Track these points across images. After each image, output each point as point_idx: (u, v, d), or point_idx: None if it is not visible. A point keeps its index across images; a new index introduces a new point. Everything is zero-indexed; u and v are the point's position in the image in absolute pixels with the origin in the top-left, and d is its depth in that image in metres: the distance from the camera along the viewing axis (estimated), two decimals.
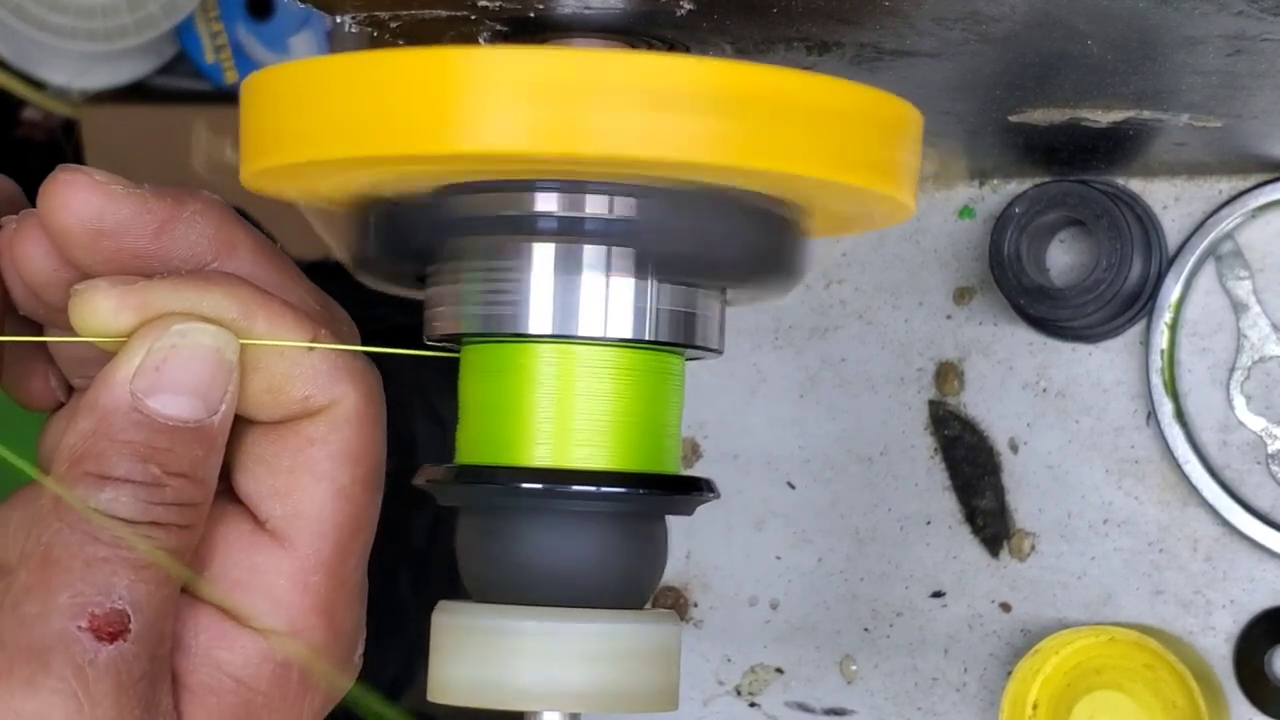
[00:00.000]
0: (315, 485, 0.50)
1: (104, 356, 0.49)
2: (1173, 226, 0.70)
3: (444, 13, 0.50)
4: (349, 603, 0.51)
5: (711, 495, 0.50)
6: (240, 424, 0.50)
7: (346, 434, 0.50)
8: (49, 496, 0.48)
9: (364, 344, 0.52)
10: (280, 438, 0.50)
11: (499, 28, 0.51)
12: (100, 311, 0.48)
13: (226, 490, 0.50)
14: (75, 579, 0.46)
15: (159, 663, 0.47)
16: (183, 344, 0.48)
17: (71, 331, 0.49)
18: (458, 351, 0.50)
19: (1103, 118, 0.61)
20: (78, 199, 0.49)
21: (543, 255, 0.47)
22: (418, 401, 1.02)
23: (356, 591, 0.51)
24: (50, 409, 0.54)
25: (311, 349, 0.49)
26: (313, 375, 0.49)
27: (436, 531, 0.94)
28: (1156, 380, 0.70)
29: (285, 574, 0.50)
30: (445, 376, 0.51)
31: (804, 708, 0.75)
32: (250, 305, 0.49)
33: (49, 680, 0.46)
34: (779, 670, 0.75)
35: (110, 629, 0.46)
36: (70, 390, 0.54)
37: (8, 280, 0.51)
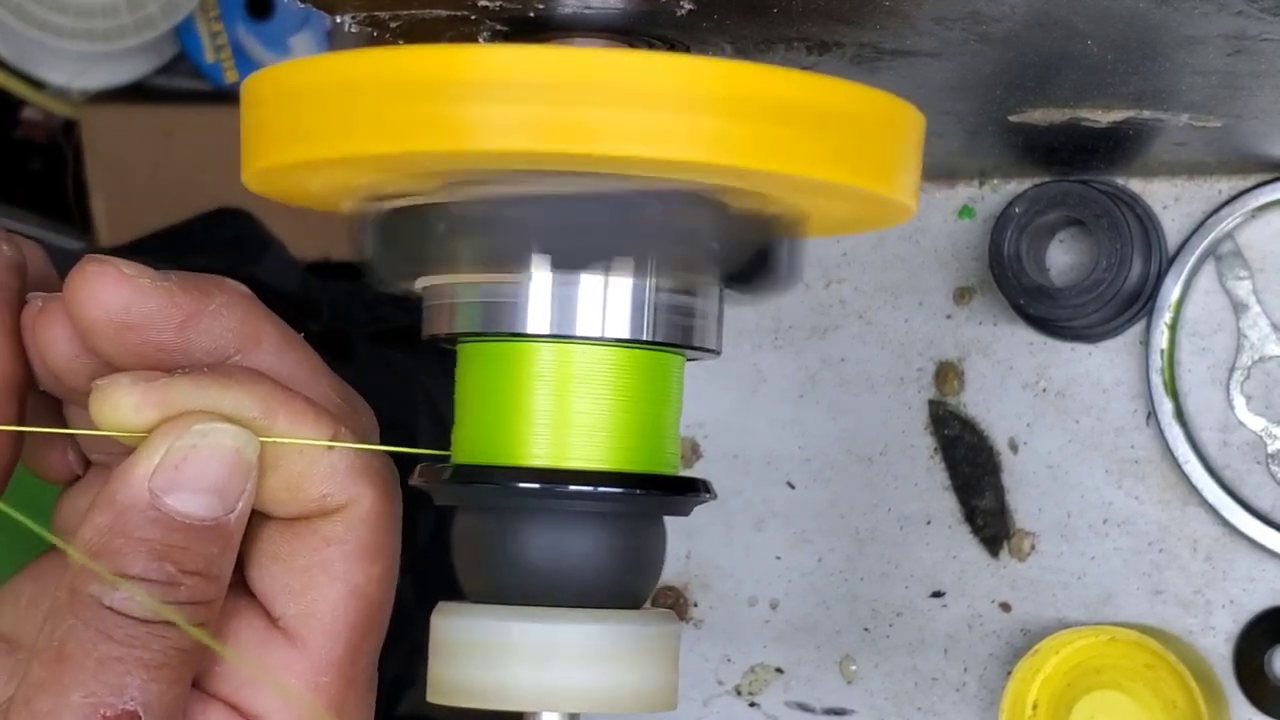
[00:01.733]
0: (330, 585, 0.49)
1: (129, 445, 0.49)
2: (1173, 226, 0.70)
3: (444, 13, 0.50)
4: (359, 701, 0.51)
5: (709, 496, 0.50)
6: (256, 519, 0.50)
7: (362, 534, 0.50)
8: (64, 588, 0.47)
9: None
10: (296, 535, 0.50)
11: (499, 27, 0.51)
12: (122, 408, 0.48)
13: (240, 584, 0.50)
14: (88, 677, 0.46)
15: None
16: (203, 444, 0.48)
17: (91, 418, 0.49)
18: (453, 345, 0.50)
19: (1103, 118, 0.60)
20: (105, 292, 0.48)
21: (541, 254, 0.47)
22: (422, 403, 1.02)
23: (366, 689, 0.51)
24: (67, 482, 0.54)
25: (331, 448, 0.49)
26: (330, 474, 0.49)
27: (439, 531, 0.94)
28: (1156, 380, 0.70)
29: (296, 673, 0.49)
30: (449, 379, 0.51)
31: (804, 708, 0.75)
32: (272, 403, 0.49)
33: None
34: (779, 670, 0.75)
35: None
36: (87, 464, 0.54)
37: (30, 358, 0.51)
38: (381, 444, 0.51)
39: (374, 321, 1.14)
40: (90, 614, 0.47)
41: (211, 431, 0.48)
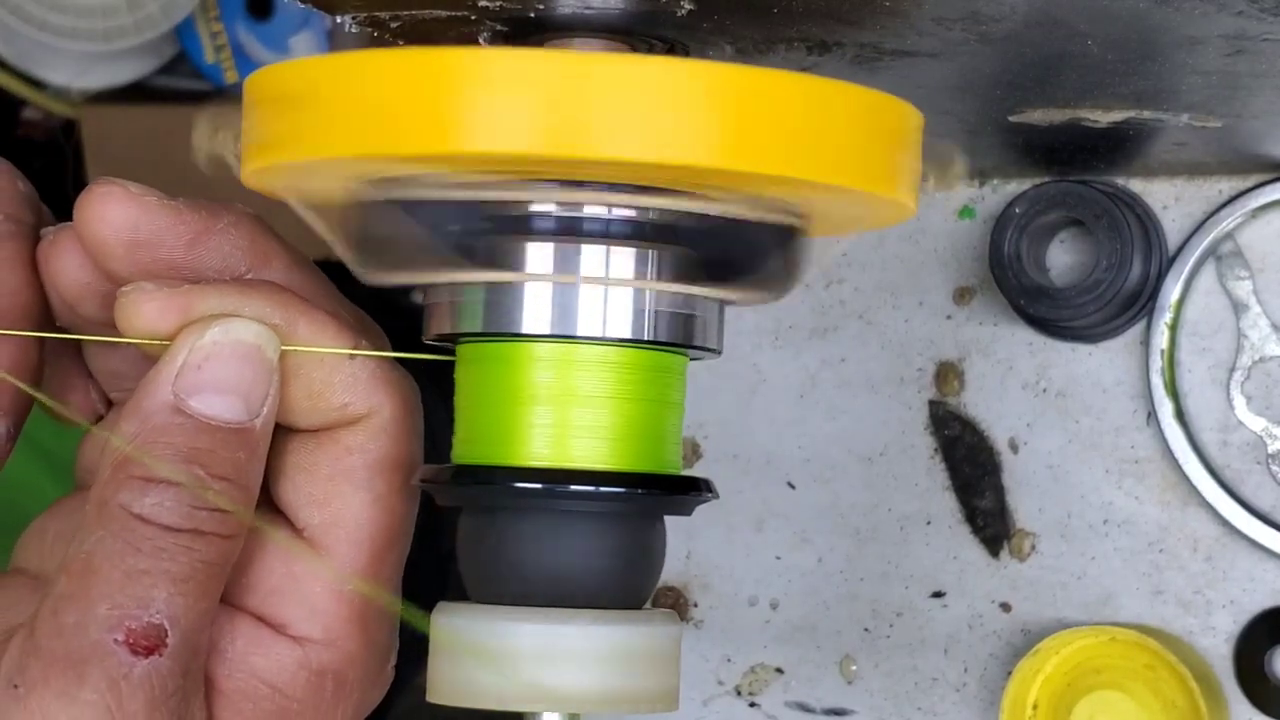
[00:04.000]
0: (353, 494, 0.50)
1: (145, 365, 0.49)
2: (1173, 226, 0.70)
3: (444, 13, 0.50)
4: (383, 612, 0.51)
5: (710, 495, 0.50)
6: (279, 432, 0.50)
7: (384, 443, 0.50)
8: (93, 501, 0.48)
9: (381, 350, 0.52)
10: (319, 446, 0.50)
11: (499, 28, 0.51)
12: (145, 313, 0.48)
13: (265, 497, 0.50)
14: (115, 590, 0.47)
15: (193, 676, 0.48)
16: (224, 340, 0.48)
17: (114, 333, 0.49)
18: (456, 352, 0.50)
19: (1103, 118, 0.60)
20: (113, 210, 0.49)
21: (542, 255, 0.47)
22: (438, 398, 1.02)
23: (390, 599, 0.51)
24: (90, 422, 0.54)
25: (352, 357, 0.49)
26: (352, 383, 0.50)
27: (426, 534, 0.94)
28: (1156, 380, 0.70)
29: (322, 582, 0.50)
30: (435, 385, 0.51)
31: (804, 708, 0.75)
32: (292, 311, 0.49)
33: (83, 693, 0.46)
34: (779, 670, 0.75)
35: (147, 643, 0.46)
36: (109, 404, 0.54)
37: (46, 291, 0.51)
38: (408, 356, 0.51)
39: None
40: (118, 525, 0.47)
41: (232, 328, 0.48)
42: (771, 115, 0.44)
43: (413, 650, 0.51)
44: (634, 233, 0.47)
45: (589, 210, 0.47)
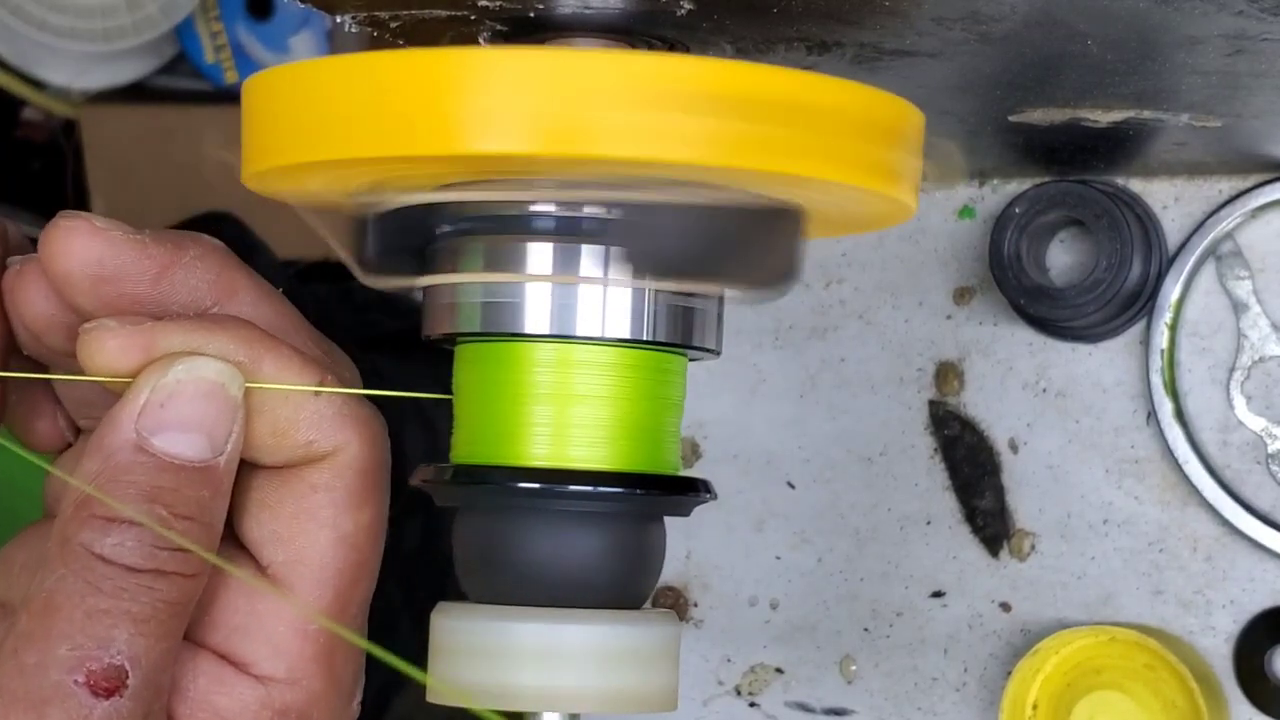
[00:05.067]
0: (318, 531, 0.50)
1: (111, 397, 0.49)
2: (1173, 226, 0.70)
3: (444, 13, 0.50)
4: (348, 651, 0.51)
5: (709, 496, 0.50)
6: (245, 469, 0.50)
7: (349, 480, 0.50)
8: (55, 539, 0.47)
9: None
10: (284, 483, 0.50)
11: (499, 27, 0.51)
12: (107, 351, 0.48)
13: (230, 535, 0.50)
14: (75, 630, 0.46)
15: (155, 716, 0.47)
16: (187, 379, 0.48)
17: (76, 374, 0.49)
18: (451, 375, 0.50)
19: (1103, 118, 0.60)
20: (78, 244, 0.49)
21: (541, 255, 0.47)
22: (410, 410, 1.01)
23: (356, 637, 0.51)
24: (58, 450, 0.54)
25: (318, 393, 0.49)
26: (317, 420, 0.49)
27: (427, 537, 0.94)
28: (1156, 380, 0.70)
29: (286, 620, 0.49)
30: (439, 384, 0.51)
31: (804, 708, 0.75)
32: (257, 347, 0.49)
33: None
34: (779, 670, 0.75)
35: (107, 684, 0.46)
36: (78, 431, 0.54)
37: (11, 322, 0.51)
38: (373, 394, 0.51)
39: (362, 326, 1.13)
40: (79, 564, 0.47)
41: (195, 366, 0.48)
42: (772, 113, 0.44)
43: (404, 656, 0.51)
44: (632, 232, 0.47)
45: (588, 210, 0.47)
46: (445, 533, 0.50)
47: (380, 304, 1.15)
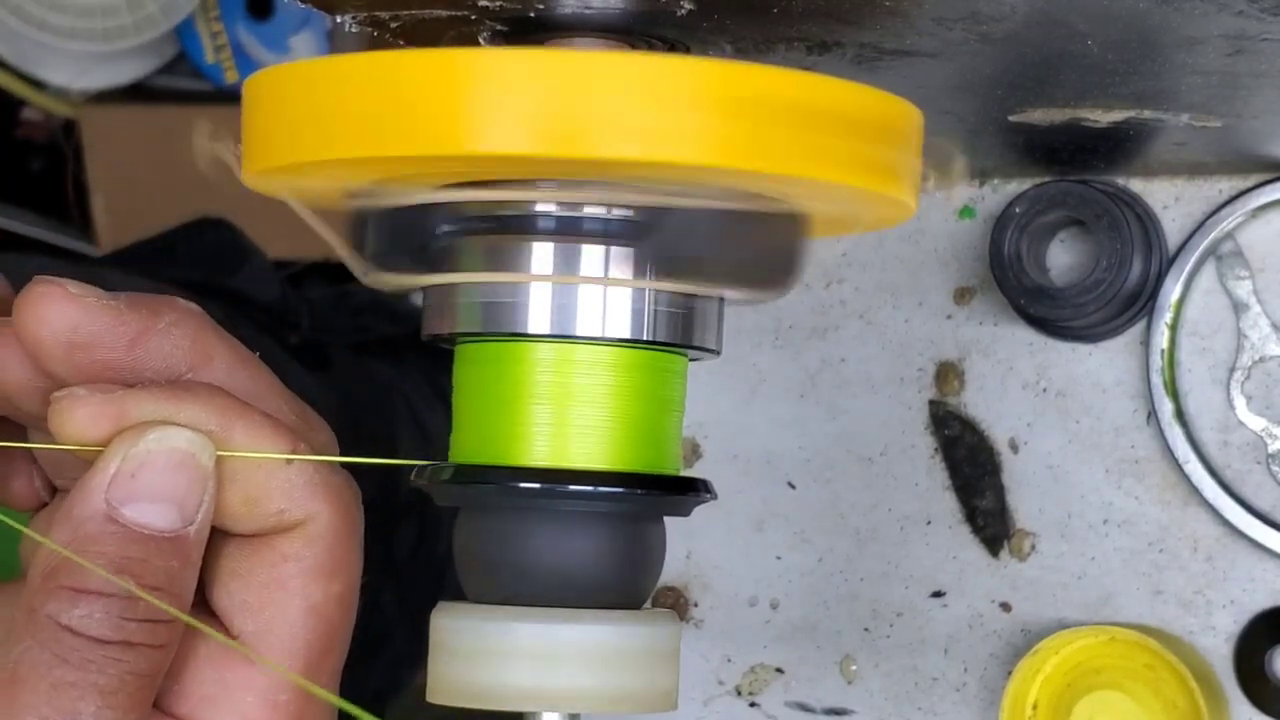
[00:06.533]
0: (287, 602, 0.49)
1: (85, 462, 0.48)
2: (1173, 226, 0.70)
3: (444, 13, 0.50)
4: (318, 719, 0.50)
5: (709, 496, 0.50)
6: (216, 537, 0.49)
7: (320, 550, 0.49)
8: (23, 609, 0.47)
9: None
10: (255, 552, 0.49)
11: (499, 28, 0.51)
12: (78, 419, 0.48)
13: (200, 602, 0.50)
14: (41, 702, 0.46)
15: None
16: (158, 449, 0.47)
17: (51, 435, 0.48)
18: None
19: (1103, 118, 0.61)
20: (52, 311, 0.48)
21: (541, 255, 0.47)
22: (403, 414, 1.01)
23: (326, 709, 0.50)
24: (34, 509, 0.54)
25: (289, 462, 0.49)
26: (288, 489, 0.49)
27: (419, 544, 0.94)
28: (1156, 380, 0.70)
29: (255, 691, 0.49)
30: (430, 386, 0.51)
31: (804, 708, 0.75)
32: (228, 416, 0.48)
33: None
34: (779, 670, 0.75)
35: None
36: (54, 490, 0.54)
37: None
38: (345, 460, 0.50)
39: (357, 330, 1.13)
40: (46, 635, 0.46)
41: (165, 436, 0.47)
42: (772, 113, 0.44)
43: (396, 663, 0.51)
44: (633, 232, 0.47)
45: (589, 210, 0.47)
46: (439, 540, 0.50)
47: (375, 308, 1.15)
